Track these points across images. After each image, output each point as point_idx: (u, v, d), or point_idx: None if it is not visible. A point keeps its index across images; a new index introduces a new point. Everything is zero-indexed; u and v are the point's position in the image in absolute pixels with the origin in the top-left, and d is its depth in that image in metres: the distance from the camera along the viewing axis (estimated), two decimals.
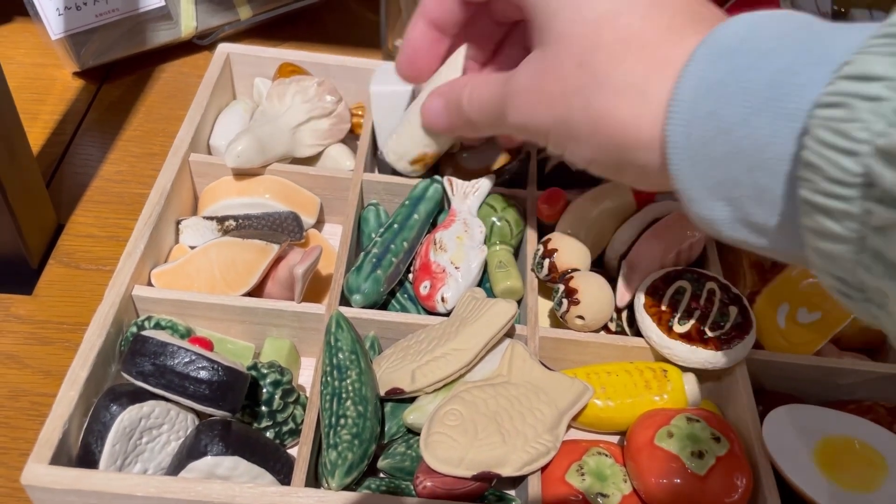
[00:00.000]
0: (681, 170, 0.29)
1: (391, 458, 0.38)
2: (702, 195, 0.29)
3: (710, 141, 0.27)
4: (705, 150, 0.28)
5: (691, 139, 0.28)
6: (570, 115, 0.33)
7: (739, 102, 0.27)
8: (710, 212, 0.29)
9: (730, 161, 0.27)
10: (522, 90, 0.36)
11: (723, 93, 0.27)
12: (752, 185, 0.27)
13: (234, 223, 0.47)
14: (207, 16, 0.66)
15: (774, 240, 0.28)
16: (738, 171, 0.27)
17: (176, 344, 0.36)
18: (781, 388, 0.44)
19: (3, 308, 0.48)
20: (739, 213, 0.28)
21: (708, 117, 0.27)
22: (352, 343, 0.39)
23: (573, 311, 0.42)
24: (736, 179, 0.27)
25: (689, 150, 0.28)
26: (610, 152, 0.33)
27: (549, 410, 0.38)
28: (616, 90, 0.31)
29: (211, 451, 0.35)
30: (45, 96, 0.62)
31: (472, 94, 0.40)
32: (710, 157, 0.28)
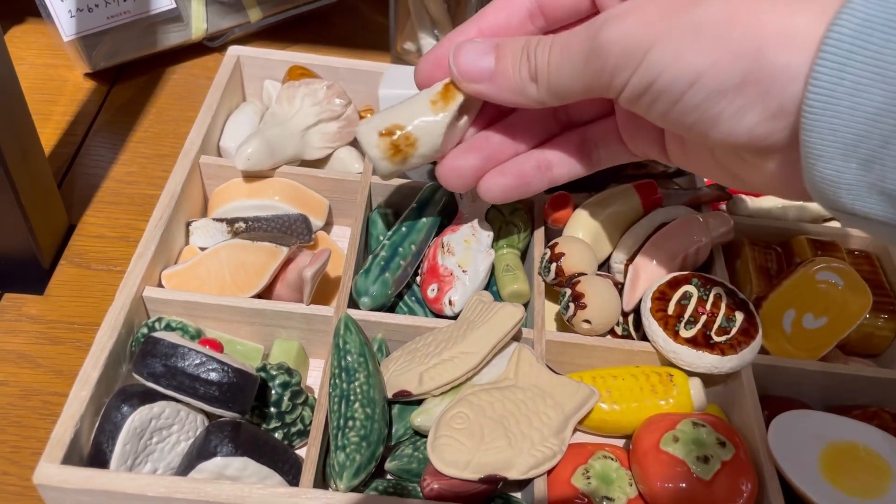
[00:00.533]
0: (817, 117, 0.25)
1: (398, 460, 0.39)
2: (833, 151, 0.25)
3: (867, 89, 0.24)
4: (856, 98, 0.24)
5: (843, 83, 0.25)
6: (697, 14, 0.28)
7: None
8: (837, 173, 0.26)
9: (884, 116, 0.24)
10: (632, 6, 0.30)
11: (893, 34, 0.24)
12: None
13: (243, 225, 0.48)
14: (218, 18, 0.66)
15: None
16: (891, 128, 0.24)
17: (187, 346, 0.36)
18: (787, 393, 0.44)
19: (16, 308, 0.48)
20: (875, 177, 0.25)
21: (868, 61, 0.24)
22: (360, 346, 0.40)
23: (580, 315, 0.42)
24: (886, 138, 0.24)
25: (836, 97, 0.25)
26: (740, 52, 0.27)
27: (556, 414, 0.38)
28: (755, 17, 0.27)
29: (221, 451, 0.35)
30: (57, 97, 0.63)
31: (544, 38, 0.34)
32: (860, 109, 0.24)
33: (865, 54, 0.24)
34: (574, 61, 0.32)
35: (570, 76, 0.33)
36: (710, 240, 0.46)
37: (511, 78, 0.35)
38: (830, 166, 0.26)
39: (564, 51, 0.33)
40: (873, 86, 0.24)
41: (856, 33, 0.24)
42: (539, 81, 0.34)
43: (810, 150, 0.26)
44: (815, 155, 0.26)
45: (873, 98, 0.24)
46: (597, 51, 0.31)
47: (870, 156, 0.25)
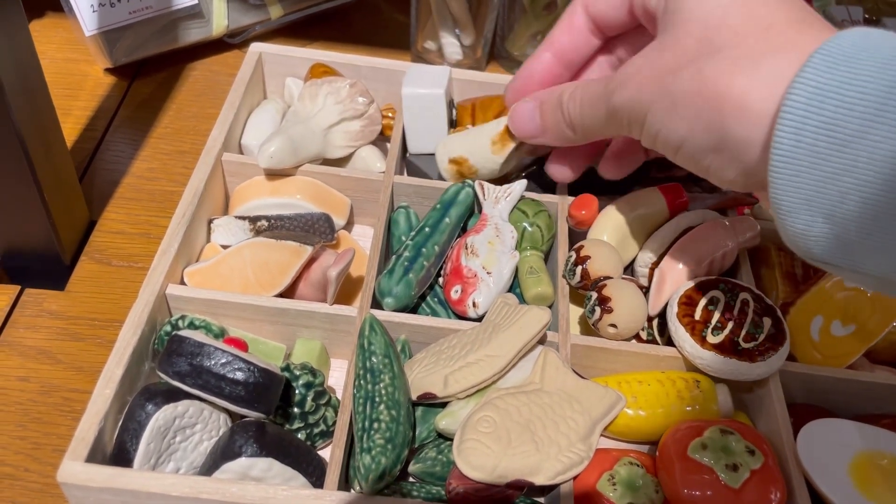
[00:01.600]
0: (781, 176, 0.28)
1: (422, 463, 0.38)
2: (799, 207, 0.28)
3: (823, 152, 0.27)
4: (814, 160, 0.27)
5: (800, 146, 0.27)
6: (678, 85, 0.33)
7: (859, 113, 0.26)
8: (806, 227, 0.28)
9: (841, 176, 0.26)
10: (634, 71, 0.36)
11: (842, 102, 0.26)
12: (859, 202, 0.26)
13: (266, 223, 0.47)
14: (239, 14, 0.66)
15: (869, 260, 0.27)
16: (848, 187, 0.26)
17: (213, 345, 0.36)
18: (813, 400, 0.44)
19: (37, 303, 0.48)
20: (839, 230, 0.27)
21: (822, 126, 0.27)
22: (385, 347, 0.39)
23: (606, 319, 0.42)
24: (844, 196, 0.26)
25: (796, 158, 0.27)
26: (710, 125, 0.32)
27: (583, 419, 0.38)
28: (732, 59, 0.31)
29: (245, 452, 0.35)
30: (77, 92, 0.62)
31: (574, 91, 0.40)
32: (818, 170, 0.27)
33: (819, 120, 0.27)
34: (598, 118, 0.39)
35: (597, 127, 0.40)
36: (737, 244, 0.46)
37: (554, 131, 0.42)
38: (800, 220, 0.28)
39: (588, 107, 0.39)
40: (829, 148, 0.27)
41: (808, 101, 0.27)
42: (576, 130, 0.41)
43: (779, 207, 0.29)
44: (784, 211, 0.29)
45: (830, 160, 0.27)
46: (612, 113, 0.37)
47: (832, 212, 0.27)
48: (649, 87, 0.34)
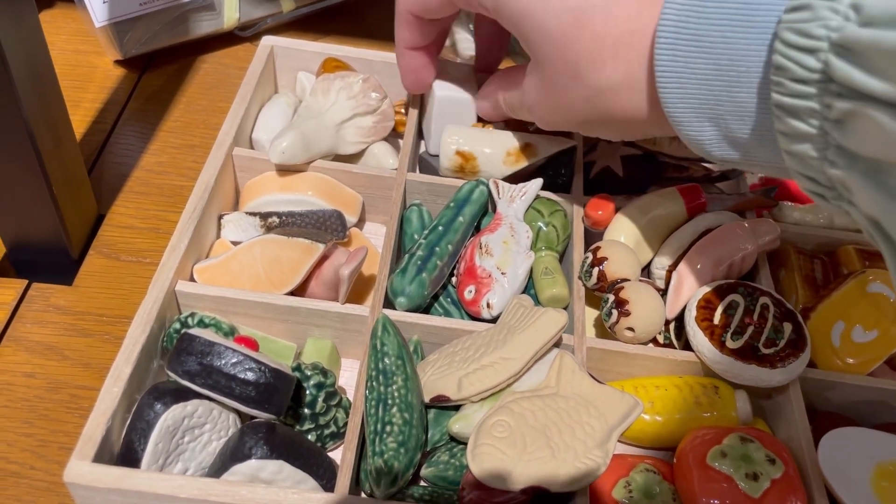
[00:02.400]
0: (669, 94, 0.32)
1: (434, 467, 0.38)
2: (689, 117, 0.32)
3: (693, 60, 0.30)
4: (689, 70, 0.31)
5: (677, 60, 0.31)
6: (584, 116, 0.38)
7: (716, 21, 0.29)
8: (698, 133, 0.32)
9: (711, 79, 0.30)
10: (536, 105, 0.41)
11: (702, 13, 0.30)
12: (731, 101, 0.30)
13: (277, 220, 0.47)
14: (250, 7, 0.65)
15: (755, 153, 0.31)
16: (718, 89, 0.30)
17: (223, 344, 0.35)
18: (833, 408, 0.43)
19: (44, 298, 0.47)
20: (723, 130, 0.31)
21: (690, 38, 0.30)
22: (398, 348, 0.39)
23: (623, 322, 0.41)
24: (717, 97, 0.30)
25: (675, 72, 0.31)
26: (628, 129, 0.38)
27: (599, 425, 0.37)
28: (609, 90, 0.36)
29: (255, 454, 0.34)
30: (87, 84, 0.62)
31: (504, 99, 0.46)
32: (694, 77, 0.31)
33: (688, 33, 0.30)
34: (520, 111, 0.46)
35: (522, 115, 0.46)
36: (756, 247, 0.45)
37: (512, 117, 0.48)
38: (692, 128, 0.32)
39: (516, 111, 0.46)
40: (697, 57, 0.30)
41: (677, 18, 0.31)
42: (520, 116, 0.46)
43: (674, 119, 0.33)
44: (678, 121, 0.32)
45: (699, 67, 0.30)
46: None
47: (713, 114, 0.31)
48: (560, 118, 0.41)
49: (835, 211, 0.27)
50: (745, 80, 0.29)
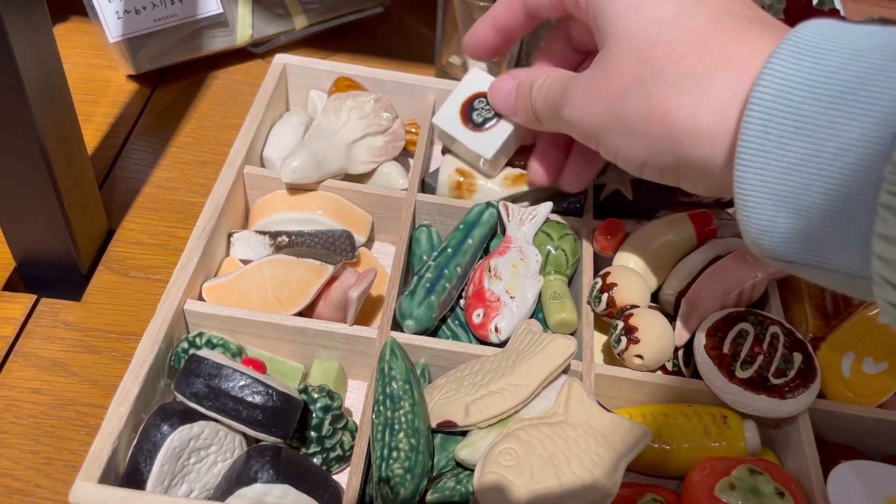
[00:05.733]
0: (748, 171, 0.28)
1: (440, 493, 0.37)
2: (765, 202, 0.28)
3: (789, 142, 0.27)
4: (781, 151, 0.27)
5: (768, 138, 0.27)
6: (626, 109, 0.33)
7: (827, 102, 0.26)
8: (770, 222, 0.28)
9: (806, 165, 0.26)
10: (581, 86, 0.36)
11: (809, 91, 0.26)
12: (824, 193, 0.26)
13: (286, 239, 0.47)
14: (263, 24, 0.65)
15: (832, 255, 0.27)
16: (812, 177, 0.26)
17: (231, 366, 0.35)
18: (843, 440, 0.42)
19: (52, 313, 0.47)
20: (804, 223, 0.27)
21: (790, 116, 0.27)
22: (406, 372, 0.38)
23: (632, 349, 0.41)
24: (809, 186, 0.26)
25: (763, 150, 0.27)
26: (666, 147, 0.32)
27: (607, 454, 0.36)
28: (675, 81, 0.31)
29: (261, 477, 0.34)
30: (100, 98, 0.62)
31: (543, 83, 0.41)
32: (785, 160, 0.27)
33: (787, 109, 0.27)
34: (555, 122, 0.40)
35: (557, 129, 0.40)
36: (767, 275, 0.45)
37: (523, 115, 0.44)
38: (765, 215, 0.28)
39: (546, 109, 0.40)
40: (794, 137, 0.26)
41: (776, 91, 0.27)
42: (540, 119, 0.42)
43: (744, 202, 0.28)
44: (749, 205, 0.28)
45: (795, 149, 0.26)
46: (565, 124, 0.38)
47: (796, 205, 0.27)
48: (598, 110, 0.35)
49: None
50: (848, 172, 0.25)
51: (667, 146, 0.32)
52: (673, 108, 0.31)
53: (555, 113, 0.39)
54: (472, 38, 0.46)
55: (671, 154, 0.32)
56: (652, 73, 0.32)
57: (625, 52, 0.34)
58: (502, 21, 0.44)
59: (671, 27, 0.32)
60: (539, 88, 0.41)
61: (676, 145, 0.32)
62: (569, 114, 0.37)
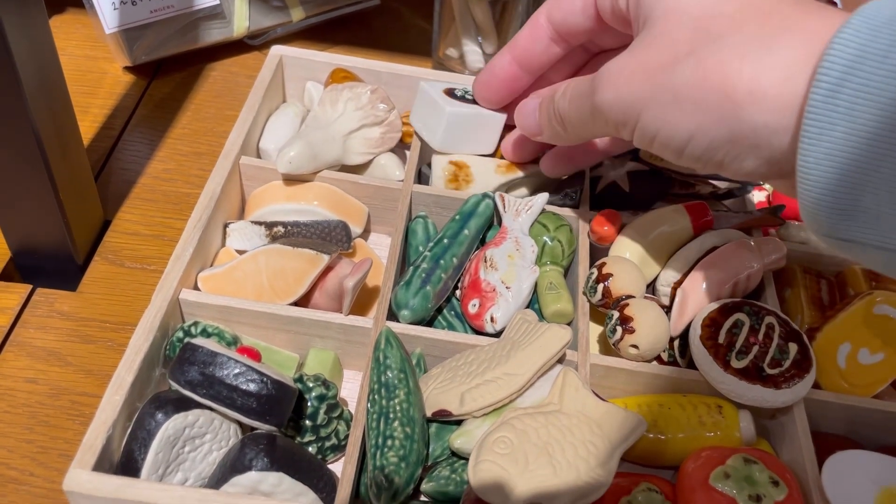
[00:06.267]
0: (814, 142, 0.26)
1: (435, 482, 0.38)
2: (829, 175, 0.26)
3: (860, 115, 0.25)
4: (851, 123, 0.25)
5: (837, 109, 0.26)
6: (677, 77, 0.31)
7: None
8: (833, 197, 0.26)
9: (876, 140, 0.25)
10: (620, 67, 0.33)
11: (883, 64, 0.25)
12: (891, 171, 0.25)
13: (282, 230, 0.46)
14: (260, 16, 0.65)
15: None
16: (883, 153, 0.25)
17: (226, 354, 0.35)
18: (838, 430, 0.42)
19: (48, 303, 0.47)
20: (870, 201, 0.26)
21: (861, 88, 0.25)
22: (401, 361, 0.38)
23: (627, 339, 0.41)
24: (879, 162, 0.25)
25: (831, 121, 0.26)
26: (722, 115, 0.30)
27: (602, 443, 0.36)
28: (735, 45, 0.29)
29: (256, 465, 0.34)
30: (96, 89, 0.62)
31: (567, 87, 0.39)
32: (854, 133, 0.25)
33: (859, 82, 0.25)
34: (584, 116, 0.37)
35: (585, 127, 0.38)
36: (762, 266, 0.45)
37: (549, 129, 0.41)
38: (828, 191, 0.26)
39: (574, 105, 0.38)
40: (867, 112, 0.25)
41: (848, 63, 0.26)
42: (566, 128, 0.39)
43: (807, 176, 0.27)
44: (812, 180, 0.27)
45: (868, 123, 0.25)
46: (597, 111, 0.35)
47: (863, 180, 0.26)
48: (640, 84, 0.32)
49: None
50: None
51: (723, 114, 0.30)
52: (734, 71, 0.29)
53: (583, 105, 0.36)
54: (488, 76, 0.43)
55: (726, 124, 0.30)
56: (708, 39, 0.30)
57: (676, 23, 0.31)
58: (524, 52, 0.42)
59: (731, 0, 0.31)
60: (563, 93, 0.39)
61: (735, 111, 0.29)
62: (602, 95, 0.34)
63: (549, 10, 0.40)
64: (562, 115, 0.39)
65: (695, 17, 0.31)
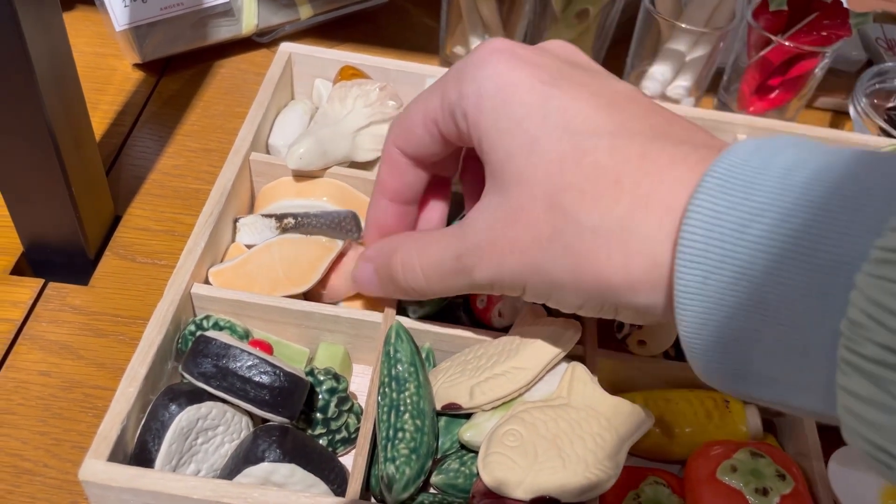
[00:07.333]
0: (690, 318, 0.25)
1: (444, 475, 0.38)
2: (713, 348, 0.25)
3: (729, 289, 0.24)
4: (722, 297, 0.24)
5: (707, 283, 0.25)
6: (547, 262, 0.30)
7: (764, 249, 0.23)
8: (722, 365, 0.26)
9: (752, 313, 0.24)
10: (486, 243, 0.32)
11: (742, 233, 0.24)
12: (777, 341, 0.24)
13: (293, 221, 0.47)
14: (269, 14, 0.66)
15: (804, 400, 0.25)
16: (759, 324, 0.24)
17: (239, 347, 0.36)
18: None
19: (60, 297, 0.48)
20: (759, 368, 0.25)
21: (726, 260, 0.24)
22: (411, 355, 0.39)
23: (635, 334, 0.41)
24: (759, 333, 0.24)
25: (704, 295, 0.25)
26: (602, 297, 0.29)
27: (610, 437, 0.37)
28: (595, 230, 0.28)
29: (268, 457, 0.35)
30: (106, 86, 0.62)
31: (409, 260, 0.36)
32: (727, 307, 0.24)
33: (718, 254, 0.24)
34: (459, 287, 0.35)
35: (456, 292, 0.36)
36: None
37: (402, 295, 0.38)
38: (714, 361, 0.26)
39: (437, 279, 0.35)
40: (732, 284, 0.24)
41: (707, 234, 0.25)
42: (426, 295, 0.37)
43: (692, 350, 0.26)
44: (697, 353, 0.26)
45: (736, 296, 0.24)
46: (479, 286, 0.34)
47: (744, 349, 0.25)
48: (513, 262, 0.31)
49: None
50: (801, 322, 0.23)
51: (603, 297, 0.29)
52: (603, 262, 0.28)
53: (452, 281, 0.34)
54: (374, 229, 0.40)
55: (608, 302, 0.30)
56: (567, 224, 0.29)
57: (529, 198, 0.30)
58: (396, 189, 0.39)
59: (574, 166, 0.29)
60: (406, 266, 0.36)
61: (614, 296, 0.29)
62: (482, 275, 0.32)
63: (399, 142, 0.37)
64: (415, 288, 0.36)
65: (546, 190, 0.29)
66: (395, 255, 0.36)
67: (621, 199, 0.28)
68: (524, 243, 0.30)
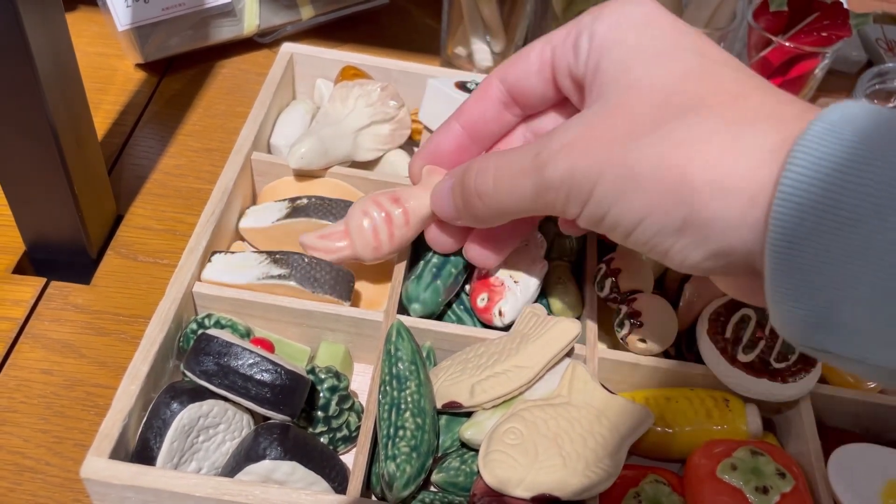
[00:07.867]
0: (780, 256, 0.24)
1: (445, 473, 0.38)
2: (801, 293, 0.24)
3: (826, 232, 0.23)
4: (818, 240, 0.23)
5: (803, 225, 0.23)
6: (633, 151, 0.28)
7: (872, 190, 0.22)
8: (807, 313, 0.24)
9: (851, 257, 0.23)
10: (570, 139, 0.30)
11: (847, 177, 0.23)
12: (877, 289, 0.23)
13: (305, 200, 0.47)
14: (270, 14, 0.66)
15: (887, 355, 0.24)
16: (859, 270, 0.23)
17: (240, 345, 0.36)
18: (844, 424, 0.43)
19: (62, 296, 0.48)
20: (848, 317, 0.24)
21: (827, 204, 0.23)
22: (412, 353, 0.39)
23: (636, 334, 0.41)
24: (856, 279, 0.23)
25: (797, 237, 0.24)
26: (676, 200, 0.28)
27: (610, 435, 0.37)
28: (700, 125, 0.27)
29: (269, 454, 0.35)
30: (108, 86, 0.63)
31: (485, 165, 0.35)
32: (823, 250, 0.23)
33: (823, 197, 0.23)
34: (520, 194, 0.33)
35: (519, 206, 0.34)
36: None
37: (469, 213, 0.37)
38: (800, 307, 0.24)
39: (506, 183, 0.34)
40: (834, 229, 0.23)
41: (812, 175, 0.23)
42: (490, 210, 0.35)
43: (775, 292, 0.25)
44: (780, 297, 0.25)
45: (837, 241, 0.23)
46: (546, 187, 0.31)
47: (840, 296, 0.24)
48: (596, 156, 0.29)
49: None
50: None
51: (678, 199, 0.27)
52: (696, 153, 0.27)
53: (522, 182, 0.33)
54: (433, 146, 0.39)
55: (679, 210, 0.28)
56: (672, 115, 0.28)
57: (637, 96, 0.29)
58: (474, 119, 0.38)
59: (698, 79, 0.29)
60: (481, 171, 0.35)
61: (691, 197, 0.27)
62: (554, 168, 0.31)
63: (503, 71, 0.37)
64: (483, 196, 0.35)
65: (659, 91, 0.29)
66: (473, 164, 0.36)
67: (736, 108, 0.27)
68: (613, 135, 0.29)
